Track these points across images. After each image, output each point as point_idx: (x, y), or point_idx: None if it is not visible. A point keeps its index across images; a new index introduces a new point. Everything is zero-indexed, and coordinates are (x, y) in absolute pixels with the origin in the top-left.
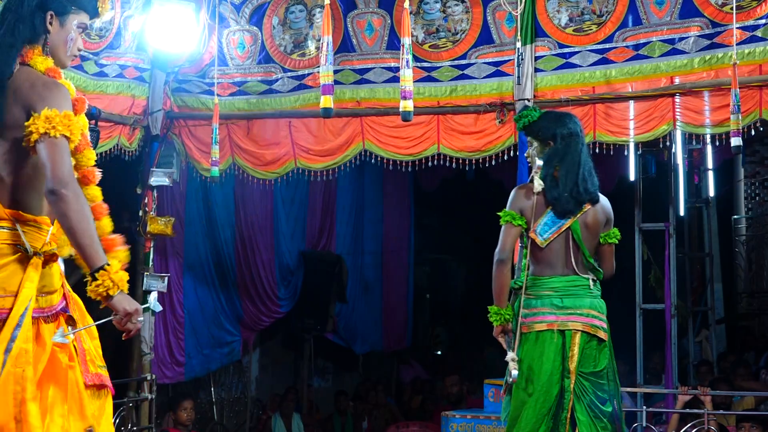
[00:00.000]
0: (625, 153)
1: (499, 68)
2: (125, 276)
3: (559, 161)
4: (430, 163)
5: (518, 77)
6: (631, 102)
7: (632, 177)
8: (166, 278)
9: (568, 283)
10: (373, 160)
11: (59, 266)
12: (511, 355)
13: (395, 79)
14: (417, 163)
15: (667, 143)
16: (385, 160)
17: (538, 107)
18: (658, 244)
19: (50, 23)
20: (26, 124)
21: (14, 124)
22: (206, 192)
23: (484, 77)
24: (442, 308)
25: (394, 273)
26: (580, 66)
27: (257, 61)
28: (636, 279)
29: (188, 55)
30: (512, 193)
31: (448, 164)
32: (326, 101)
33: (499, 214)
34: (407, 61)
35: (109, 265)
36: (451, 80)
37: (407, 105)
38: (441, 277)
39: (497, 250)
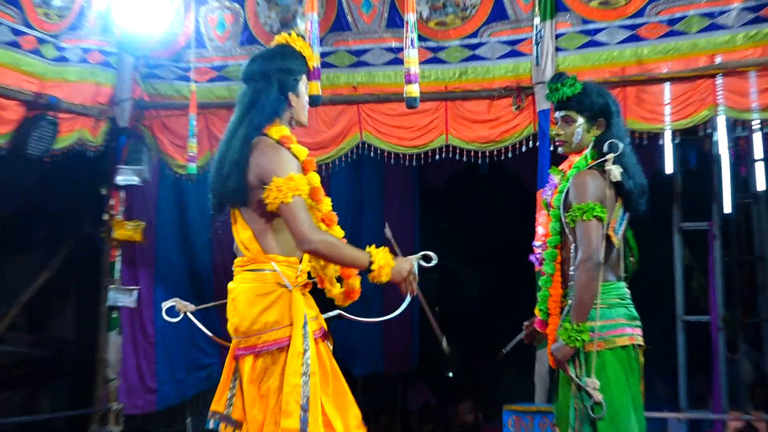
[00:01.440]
0: (661, 142)
1: (515, 48)
2: (384, 254)
3: (617, 143)
4: (437, 156)
5: (537, 57)
6: (667, 84)
7: (669, 170)
8: (135, 292)
9: (627, 290)
10: (371, 154)
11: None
12: (593, 383)
13: (397, 61)
14: (422, 156)
15: (709, 131)
16: (385, 154)
17: (576, 76)
18: (700, 247)
19: (292, 100)
20: (263, 195)
21: (255, 188)
22: (181, 192)
23: (498, 58)
24: (453, 323)
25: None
26: (608, 44)
27: (239, 43)
28: (676, 287)
29: (161, 37)
30: (584, 180)
31: (457, 157)
32: (313, 88)
33: (580, 207)
34: (412, 41)
35: (371, 255)
36: (460, 62)
37: (412, 90)
38: (451, 287)
39: (589, 252)
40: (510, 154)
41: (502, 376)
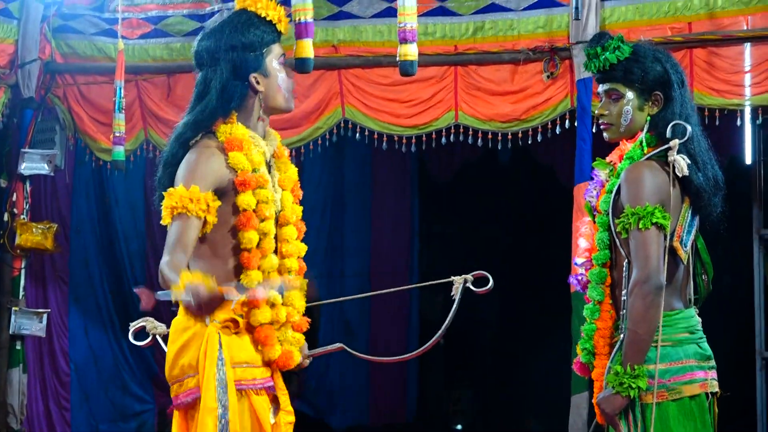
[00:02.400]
0: (738, 122)
1: None
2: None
3: (684, 126)
4: (443, 140)
5: (576, 9)
6: (747, 45)
7: (748, 159)
8: (45, 316)
9: (698, 319)
10: (357, 135)
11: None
12: None
13: (391, 12)
14: (424, 139)
15: None
16: (375, 135)
17: (623, 36)
18: None
19: (257, 83)
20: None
21: None
22: (104, 184)
23: (524, 9)
24: (463, 360)
25: (389, 307)
26: None
27: None
28: (756, 313)
29: None
30: (640, 175)
31: (470, 141)
32: (303, 48)
33: (635, 212)
34: None
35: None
36: (474, 13)
37: (409, 51)
38: (462, 313)
39: (646, 272)
40: (540, 138)
41: (526, 428)
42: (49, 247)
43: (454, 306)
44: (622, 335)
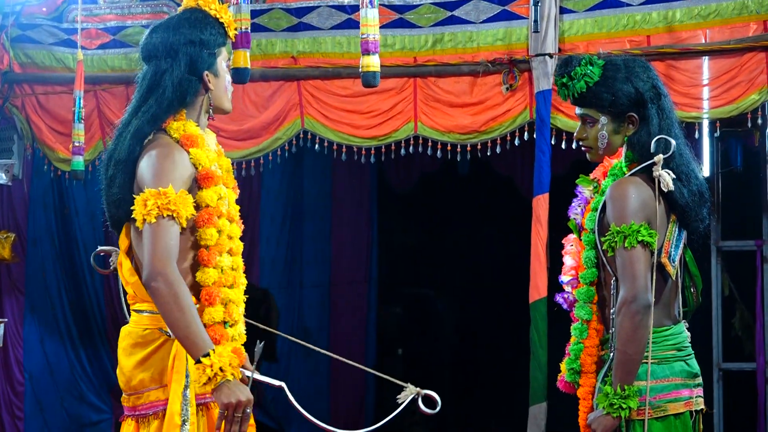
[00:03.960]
0: (696, 135)
1: (506, 8)
2: (231, 360)
3: (667, 141)
4: (402, 151)
5: (535, 22)
6: (705, 59)
7: (706, 172)
8: (2, 326)
9: (687, 337)
10: (316, 146)
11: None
12: None
13: (351, 24)
14: (383, 150)
15: (759, 121)
16: (334, 146)
17: (594, 56)
18: (746, 272)
19: (209, 81)
20: (132, 209)
21: None
22: (63, 194)
23: (483, 21)
24: (422, 369)
25: (348, 317)
26: (629, 5)
27: None
28: (713, 324)
29: None
30: (625, 192)
31: (429, 152)
32: (240, 58)
33: (620, 230)
34: None
35: (212, 351)
36: (434, 25)
37: (372, 63)
38: (420, 323)
39: (633, 291)
40: (499, 149)
41: None
42: (6, 257)
43: (398, 410)
44: (611, 353)
